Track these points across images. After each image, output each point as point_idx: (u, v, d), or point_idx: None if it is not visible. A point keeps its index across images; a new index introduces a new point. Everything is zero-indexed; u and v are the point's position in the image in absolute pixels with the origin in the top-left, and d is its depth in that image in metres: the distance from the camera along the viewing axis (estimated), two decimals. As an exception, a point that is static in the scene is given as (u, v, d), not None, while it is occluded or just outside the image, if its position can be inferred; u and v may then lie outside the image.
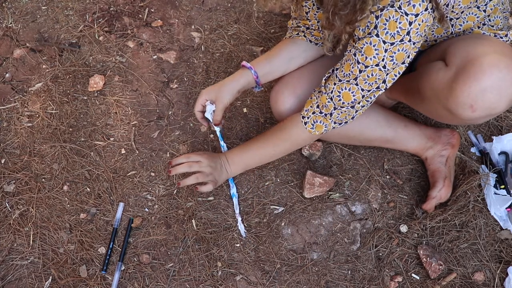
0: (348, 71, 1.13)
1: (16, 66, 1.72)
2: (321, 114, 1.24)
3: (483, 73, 1.03)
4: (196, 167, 1.39)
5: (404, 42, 1.03)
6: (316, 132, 1.27)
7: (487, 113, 1.07)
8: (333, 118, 1.23)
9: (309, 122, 1.26)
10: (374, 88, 1.14)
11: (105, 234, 1.46)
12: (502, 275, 1.41)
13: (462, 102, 1.07)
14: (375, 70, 1.09)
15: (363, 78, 1.11)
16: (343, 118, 1.23)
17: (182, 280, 1.41)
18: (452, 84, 1.08)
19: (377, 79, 1.11)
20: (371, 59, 1.07)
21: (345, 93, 1.16)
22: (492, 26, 1.25)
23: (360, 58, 1.08)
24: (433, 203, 1.45)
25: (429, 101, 1.21)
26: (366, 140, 1.49)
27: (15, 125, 1.61)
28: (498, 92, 1.03)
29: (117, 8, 1.82)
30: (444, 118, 1.23)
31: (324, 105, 1.21)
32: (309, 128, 1.27)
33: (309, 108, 1.26)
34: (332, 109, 1.20)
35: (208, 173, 1.39)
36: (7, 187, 1.51)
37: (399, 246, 1.45)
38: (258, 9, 1.76)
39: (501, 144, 1.55)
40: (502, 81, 1.03)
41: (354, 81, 1.13)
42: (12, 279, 1.40)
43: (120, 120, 1.63)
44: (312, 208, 1.50)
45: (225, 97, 1.35)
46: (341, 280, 1.41)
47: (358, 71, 1.11)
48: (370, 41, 1.05)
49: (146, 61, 1.74)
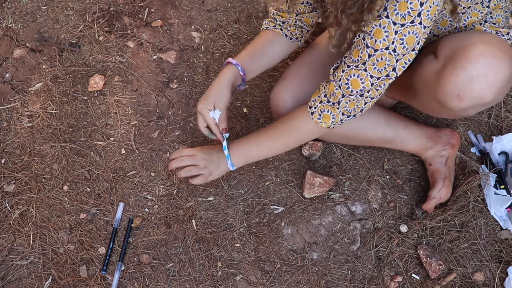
0: (357, 56, 1.10)
1: (16, 66, 1.72)
2: (328, 103, 1.19)
3: (470, 62, 1.03)
4: (188, 161, 1.38)
5: (415, 24, 1.00)
6: (323, 123, 1.22)
7: (475, 103, 1.06)
8: (341, 108, 1.18)
9: (316, 112, 1.22)
10: (383, 76, 1.10)
11: (105, 234, 1.46)
12: (502, 275, 1.41)
13: (449, 91, 1.07)
14: (384, 54, 1.05)
15: (372, 63, 1.08)
16: (352, 109, 1.18)
17: (182, 280, 1.41)
18: (440, 74, 1.08)
19: (387, 65, 1.07)
20: (380, 42, 1.04)
21: (354, 80, 1.12)
22: (494, 23, 1.25)
23: (370, 41, 1.05)
24: (433, 203, 1.45)
25: (421, 94, 1.21)
26: (366, 140, 1.49)
27: (15, 125, 1.61)
28: (485, 81, 1.03)
29: (117, 8, 1.82)
30: (436, 111, 1.23)
31: (332, 93, 1.17)
32: (315, 119, 1.22)
33: (316, 98, 1.22)
34: (340, 96, 1.16)
35: (202, 167, 1.37)
36: (7, 187, 1.51)
37: (399, 246, 1.45)
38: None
39: (501, 144, 1.55)
40: (489, 70, 1.03)
41: (363, 66, 1.09)
42: (12, 279, 1.40)
43: (120, 120, 1.63)
44: (312, 208, 1.50)
45: (224, 98, 1.30)
46: (341, 280, 1.41)
47: (367, 56, 1.07)
48: (379, 23, 1.02)
49: (146, 61, 1.74)
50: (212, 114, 1.30)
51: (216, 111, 1.30)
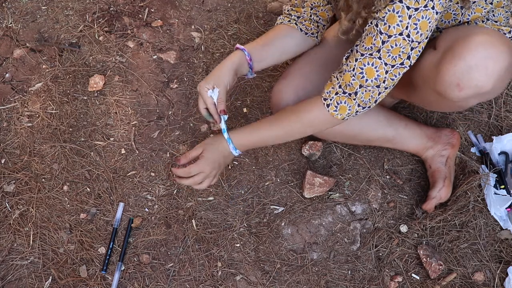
0: (370, 44, 1.08)
1: (16, 66, 1.72)
2: (344, 94, 1.17)
3: (469, 50, 1.03)
4: (196, 172, 1.30)
5: (428, 8, 1.00)
6: (339, 115, 1.19)
7: (475, 92, 1.06)
8: (357, 99, 1.15)
9: (332, 104, 1.18)
10: (398, 64, 1.08)
11: (105, 234, 1.46)
12: (502, 275, 1.41)
13: (448, 81, 1.07)
14: (398, 40, 1.04)
15: (386, 50, 1.06)
16: (367, 100, 1.16)
17: (182, 280, 1.41)
18: (439, 65, 1.08)
19: (401, 52, 1.06)
20: (394, 28, 1.03)
21: (368, 69, 1.10)
22: (495, 22, 1.25)
23: (383, 27, 1.04)
24: (433, 203, 1.45)
25: (420, 88, 1.21)
26: (367, 140, 1.49)
27: (15, 125, 1.61)
28: (484, 69, 1.03)
29: (117, 8, 1.82)
30: (435, 104, 1.22)
31: (348, 84, 1.15)
32: (332, 111, 1.19)
33: (330, 89, 1.19)
34: (357, 87, 1.14)
35: (208, 173, 1.32)
36: (7, 187, 1.51)
37: (399, 246, 1.45)
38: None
39: (501, 144, 1.55)
40: (488, 59, 1.03)
41: (377, 53, 1.08)
42: (12, 279, 1.40)
43: (120, 120, 1.63)
44: (312, 208, 1.50)
45: (224, 78, 1.26)
46: (341, 280, 1.41)
47: (381, 43, 1.06)
48: (393, 8, 1.01)
49: (146, 61, 1.74)
50: (210, 93, 1.26)
51: (214, 90, 1.26)
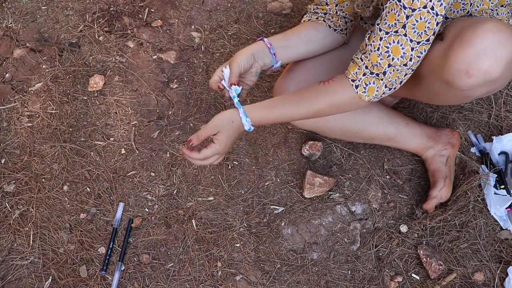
0: (393, 20, 1.06)
1: (16, 66, 1.72)
2: (372, 75, 1.13)
3: (477, 36, 1.03)
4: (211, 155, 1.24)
5: None
6: (367, 97, 1.15)
7: (484, 79, 1.06)
8: (385, 79, 1.13)
9: (360, 85, 1.15)
10: (424, 40, 1.07)
11: (105, 234, 1.46)
12: (502, 275, 1.41)
13: (457, 68, 1.06)
14: (423, 13, 1.03)
15: (412, 25, 1.04)
16: (394, 81, 1.13)
17: (182, 280, 1.41)
18: (447, 53, 1.08)
19: (427, 28, 1.05)
20: (418, 0, 1.01)
21: (394, 47, 1.08)
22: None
23: (406, 1, 1.02)
24: (433, 202, 1.45)
25: (427, 79, 1.20)
26: (368, 137, 1.48)
27: (15, 125, 1.61)
28: (493, 55, 1.02)
29: (117, 8, 1.82)
30: (441, 96, 1.21)
31: (375, 64, 1.12)
32: (360, 92, 1.15)
33: (356, 70, 1.14)
34: (386, 66, 1.11)
35: (222, 154, 1.26)
36: (7, 187, 1.51)
37: (399, 246, 1.45)
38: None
39: (501, 144, 1.55)
40: (497, 44, 1.02)
41: (402, 30, 1.06)
42: (12, 279, 1.40)
43: (120, 120, 1.63)
44: (312, 208, 1.50)
45: (237, 57, 1.23)
46: (341, 280, 1.41)
47: (405, 17, 1.04)
48: None
49: (146, 61, 1.74)
50: (224, 71, 1.25)
51: (227, 67, 1.25)
